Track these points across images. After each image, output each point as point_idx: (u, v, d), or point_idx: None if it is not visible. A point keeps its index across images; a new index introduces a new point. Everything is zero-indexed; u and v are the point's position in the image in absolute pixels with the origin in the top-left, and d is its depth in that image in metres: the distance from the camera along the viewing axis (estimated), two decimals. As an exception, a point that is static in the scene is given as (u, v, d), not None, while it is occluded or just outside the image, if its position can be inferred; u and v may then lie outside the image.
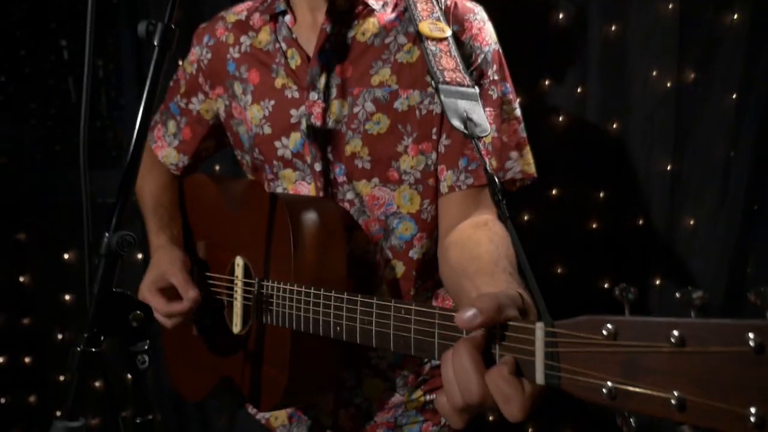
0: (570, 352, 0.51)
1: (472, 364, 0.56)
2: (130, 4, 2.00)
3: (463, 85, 0.88)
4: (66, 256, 2.18)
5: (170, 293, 1.03)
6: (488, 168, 0.77)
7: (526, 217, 1.83)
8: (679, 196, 1.76)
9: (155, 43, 0.78)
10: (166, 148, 1.20)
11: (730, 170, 1.72)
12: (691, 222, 1.77)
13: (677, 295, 0.44)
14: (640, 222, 1.80)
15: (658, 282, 1.82)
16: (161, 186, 1.19)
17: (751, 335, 0.40)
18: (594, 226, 1.82)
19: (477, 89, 0.89)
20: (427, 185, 1.00)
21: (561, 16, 1.73)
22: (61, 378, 2.16)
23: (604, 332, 0.48)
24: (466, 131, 0.82)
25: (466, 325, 0.57)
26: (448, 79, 0.87)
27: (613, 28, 1.72)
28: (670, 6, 1.68)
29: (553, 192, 1.80)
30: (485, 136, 0.86)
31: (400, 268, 1.01)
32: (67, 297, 2.15)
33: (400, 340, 0.70)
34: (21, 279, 2.20)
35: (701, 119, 1.72)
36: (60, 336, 2.18)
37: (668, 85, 1.71)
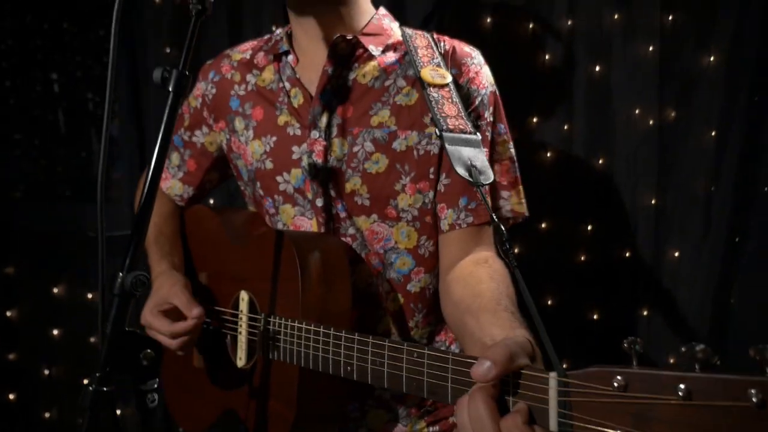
0: (582, 402, 0.53)
1: (487, 412, 0.59)
2: (125, 36, 2.03)
3: (466, 132, 0.92)
4: (55, 290, 2.16)
5: (174, 316, 1.03)
6: (492, 215, 0.80)
7: (516, 250, 1.87)
8: (663, 229, 1.82)
9: (170, 89, 0.81)
10: (171, 180, 1.22)
11: (711, 203, 1.78)
12: (676, 254, 1.82)
13: (682, 349, 0.48)
14: (627, 254, 1.85)
15: (645, 312, 1.87)
16: (163, 216, 1.21)
17: (752, 391, 0.43)
18: (582, 258, 1.86)
19: (479, 135, 0.93)
20: (425, 222, 1.03)
21: (548, 57, 1.80)
22: (47, 415, 2.11)
23: (615, 384, 0.51)
24: (471, 179, 0.86)
25: (481, 377, 0.59)
26: (451, 127, 0.91)
27: (598, 68, 1.79)
28: (651, 48, 1.76)
29: (543, 225, 1.84)
30: (489, 184, 0.90)
31: (399, 300, 1.04)
32: (55, 332, 2.12)
33: (413, 382, 0.71)
34: (8, 314, 2.17)
35: (682, 155, 1.78)
36: (47, 372, 2.14)
37: (650, 122, 1.78)
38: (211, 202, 1.87)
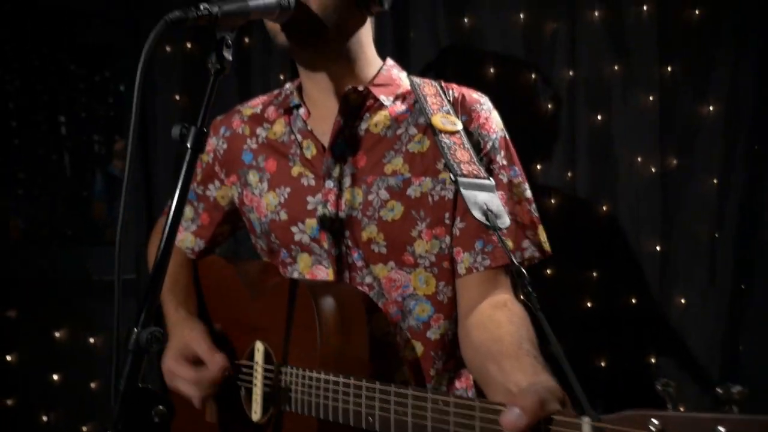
0: (618, 447, 0.52)
1: None
2: (131, 79, 2.07)
3: (480, 177, 0.94)
4: (56, 334, 2.14)
5: (196, 364, 1.02)
6: (512, 258, 0.81)
7: (521, 297, 1.86)
8: (669, 276, 1.82)
9: (188, 146, 0.83)
10: (183, 233, 1.23)
11: (716, 250, 1.79)
12: (682, 300, 1.82)
13: (718, 390, 0.47)
14: (633, 300, 1.84)
15: (653, 360, 1.85)
16: (178, 265, 1.21)
17: None
18: (588, 305, 1.86)
19: (492, 180, 0.95)
20: (442, 268, 1.04)
21: (550, 106, 1.84)
22: (44, 463, 2.07)
23: (652, 428, 0.49)
24: (488, 223, 0.87)
25: (512, 427, 0.58)
26: (465, 172, 0.93)
27: (599, 117, 1.82)
28: (651, 98, 1.80)
29: (548, 272, 1.85)
30: (505, 228, 0.91)
31: (419, 349, 1.03)
32: (55, 377, 2.10)
33: None
34: (8, 357, 2.15)
35: (685, 202, 1.80)
36: (45, 418, 2.10)
37: (653, 170, 1.80)
38: (216, 251, 1.88)
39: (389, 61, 1.15)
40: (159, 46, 2.02)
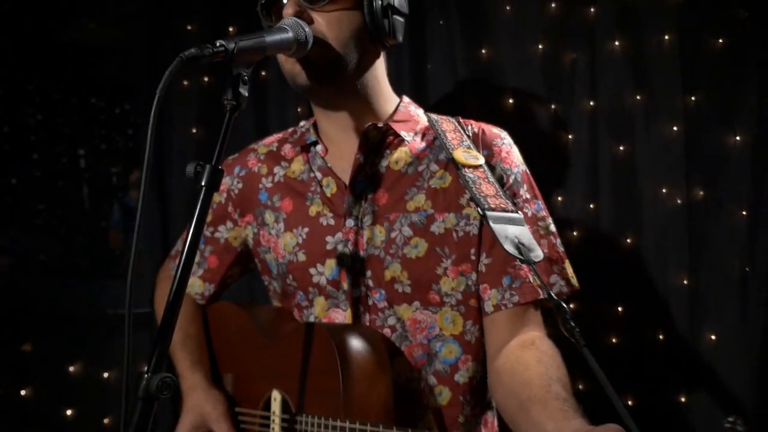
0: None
1: None
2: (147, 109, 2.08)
3: (508, 211, 0.91)
4: (71, 368, 2.12)
5: None
6: (549, 293, 0.77)
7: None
8: (698, 311, 1.75)
9: (203, 184, 0.81)
10: (191, 277, 1.20)
11: (748, 284, 1.72)
12: (713, 337, 1.75)
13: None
14: (660, 337, 1.77)
15: (683, 399, 1.77)
16: (188, 316, 1.18)
17: None
18: (614, 340, 1.79)
19: (521, 213, 0.92)
20: (469, 306, 1.00)
21: (570, 136, 1.81)
22: (55, 502, 2.03)
23: None
24: (521, 257, 0.84)
25: None
26: (493, 206, 0.91)
27: (621, 148, 1.79)
28: (675, 128, 1.76)
29: (571, 306, 1.79)
30: (540, 261, 0.88)
31: (446, 395, 0.99)
32: (68, 412, 2.07)
33: None
34: (22, 392, 2.13)
35: (714, 234, 1.74)
36: (58, 454, 2.07)
37: (678, 201, 1.75)
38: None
39: (405, 99, 1.14)
40: (176, 81, 2.04)
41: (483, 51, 1.84)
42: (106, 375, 2.09)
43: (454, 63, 1.84)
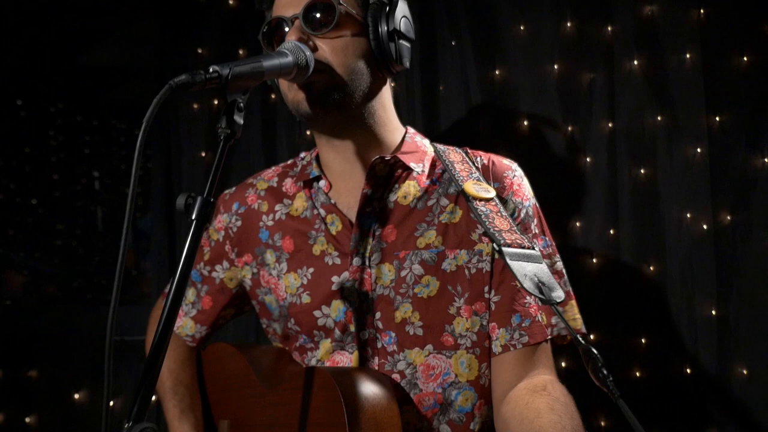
0: None
1: None
2: (161, 136, 2.07)
3: (525, 247, 0.86)
4: (76, 396, 2.09)
5: None
6: (576, 337, 0.72)
7: (563, 364, 1.72)
8: (727, 344, 1.65)
9: (193, 217, 0.76)
10: (183, 318, 1.14)
11: (780, 315, 1.62)
12: (744, 371, 1.65)
13: None
14: (687, 371, 1.68)
15: (713, 437, 1.67)
16: (180, 361, 1.12)
17: None
18: (637, 374, 1.70)
19: (537, 250, 0.87)
20: (484, 348, 0.95)
21: (588, 159, 1.74)
22: None
23: None
24: (543, 296, 0.79)
25: None
26: (509, 241, 0.86)
27: (642, 171, 1.71)
28: (699, 150, 1.68)
29: (591, 337, 1.71)
30: (562, 302, 0.82)
31: None
32: (73, 441, 2.03)
33: None
34: (27, 419, 2.10)
35: (743, 262, 1.65)
36: (61, 486, 2.03)
37: (704, 227, 1.67)
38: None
39: (410, 129, 1.10)
40: (185, 103, 2.02)
41: (496, 72, 1.79)
42: (111, 403, 2.05)
43: (467, 85, 1.79)
